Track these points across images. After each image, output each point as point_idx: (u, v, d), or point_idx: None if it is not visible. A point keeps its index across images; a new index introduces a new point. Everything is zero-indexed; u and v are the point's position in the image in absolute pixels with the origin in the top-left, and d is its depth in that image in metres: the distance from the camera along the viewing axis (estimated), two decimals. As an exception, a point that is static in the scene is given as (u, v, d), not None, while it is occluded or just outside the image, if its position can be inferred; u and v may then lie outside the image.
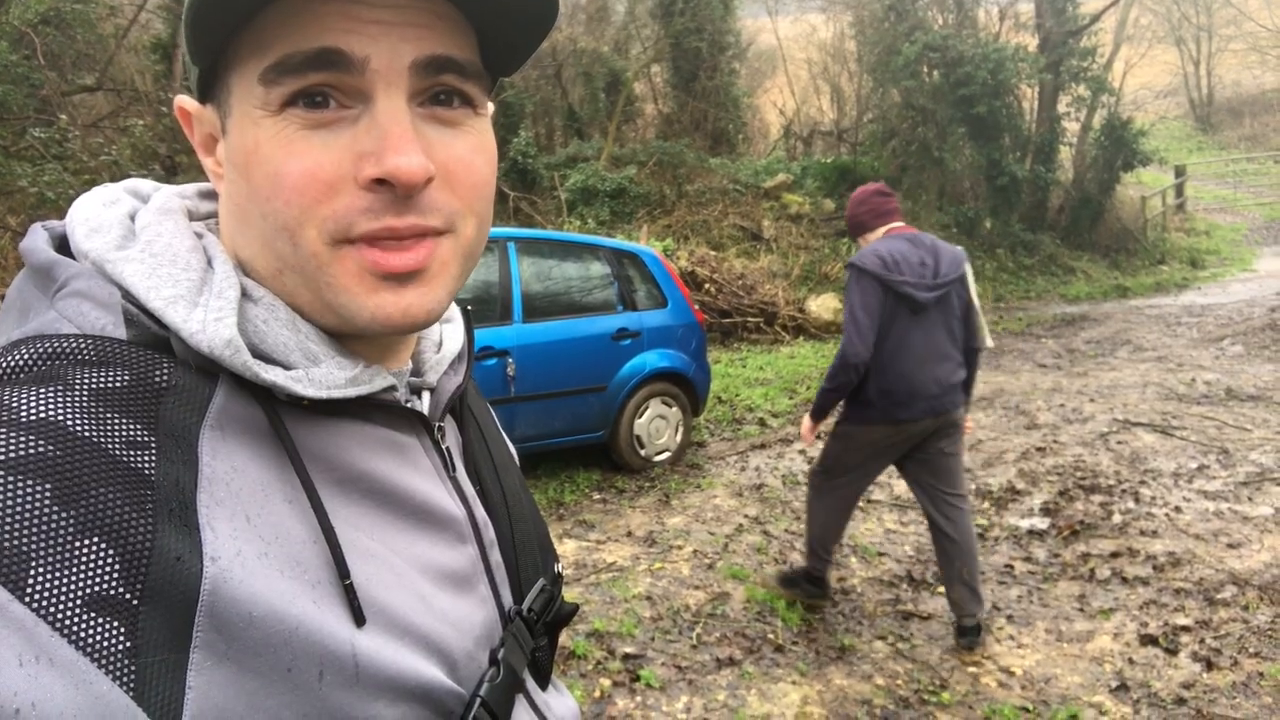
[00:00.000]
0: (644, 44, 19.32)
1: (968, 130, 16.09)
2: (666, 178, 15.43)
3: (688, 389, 6.37)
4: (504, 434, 0.90)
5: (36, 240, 0.61)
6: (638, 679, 3.44)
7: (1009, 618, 3.96)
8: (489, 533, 0.73)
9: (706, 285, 11.52)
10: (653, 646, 3.72)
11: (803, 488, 5.71)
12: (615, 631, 3.83)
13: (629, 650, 3.67)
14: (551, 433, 5.77)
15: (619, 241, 6.80)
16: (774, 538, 4.98)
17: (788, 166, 17.73)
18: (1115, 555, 4.56)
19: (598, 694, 3.34)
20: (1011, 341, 11.55)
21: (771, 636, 3.80)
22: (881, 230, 3.62)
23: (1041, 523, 5.07)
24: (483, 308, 5.60)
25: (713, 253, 12.82)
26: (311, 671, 0.52)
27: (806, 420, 3.73)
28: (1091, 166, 18.15)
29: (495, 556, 0.73)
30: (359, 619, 0.56)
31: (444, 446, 0.72)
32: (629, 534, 5.06)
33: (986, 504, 5.41)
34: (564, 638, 3.74)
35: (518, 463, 0.90)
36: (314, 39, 0.55)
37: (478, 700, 0.64)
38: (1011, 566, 4.51)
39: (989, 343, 3.73)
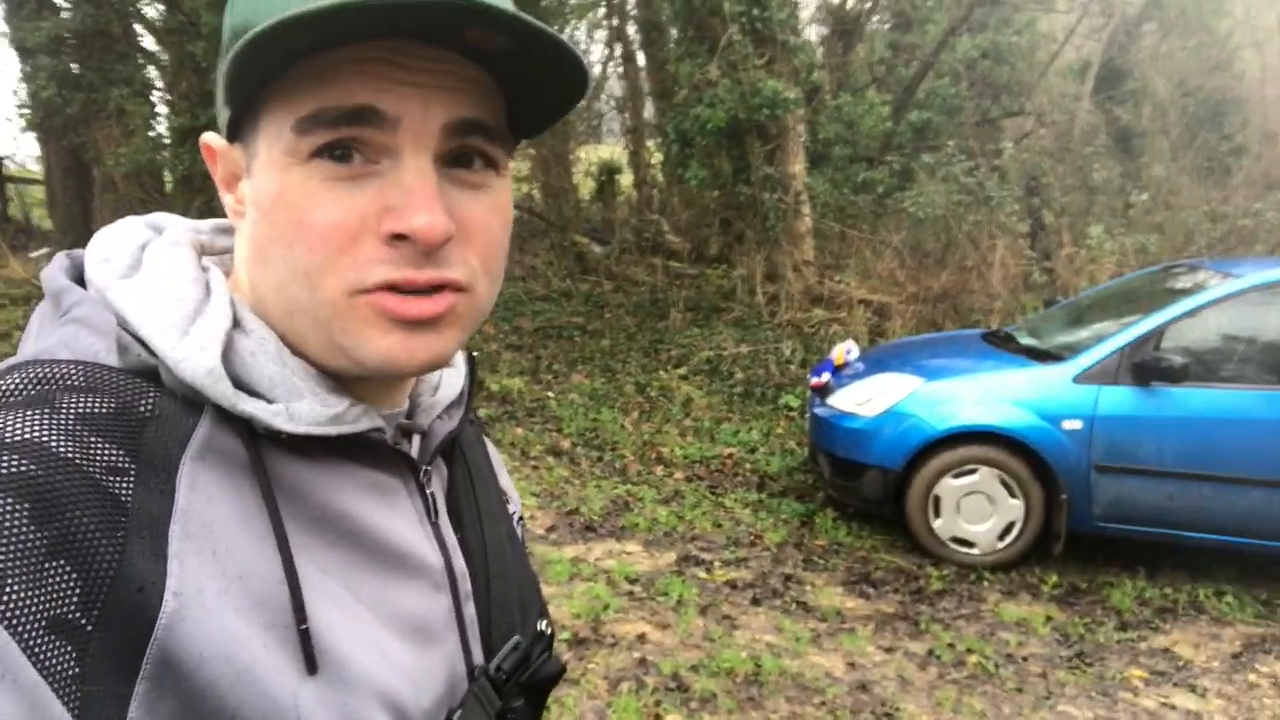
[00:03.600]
0: None
1: None
2: None
3: None
4: (506, 484, 0.87)
5: (54, 268, 0.65)
6: None
7: None
8: (466, 584, 0.71)
9: None
10: None
11: None
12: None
13: None
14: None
15: None
16: None
17: None
18: None
19: None
20: None
21: None
22: None
23: None
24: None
25: None
26: (253, 719, 0.53)
27: None
28: None
29: (470, 610, 0.71)
30: (311, 667, 0.56)
31: (429, 491, 0.70)
32: None
33: None
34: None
35: (518, 513, 0.87)
36: (351, 95, 0.56)
37: None
38: None
39: None
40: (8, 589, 0.45)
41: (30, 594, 0.46)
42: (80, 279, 0.63)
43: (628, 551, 4.83)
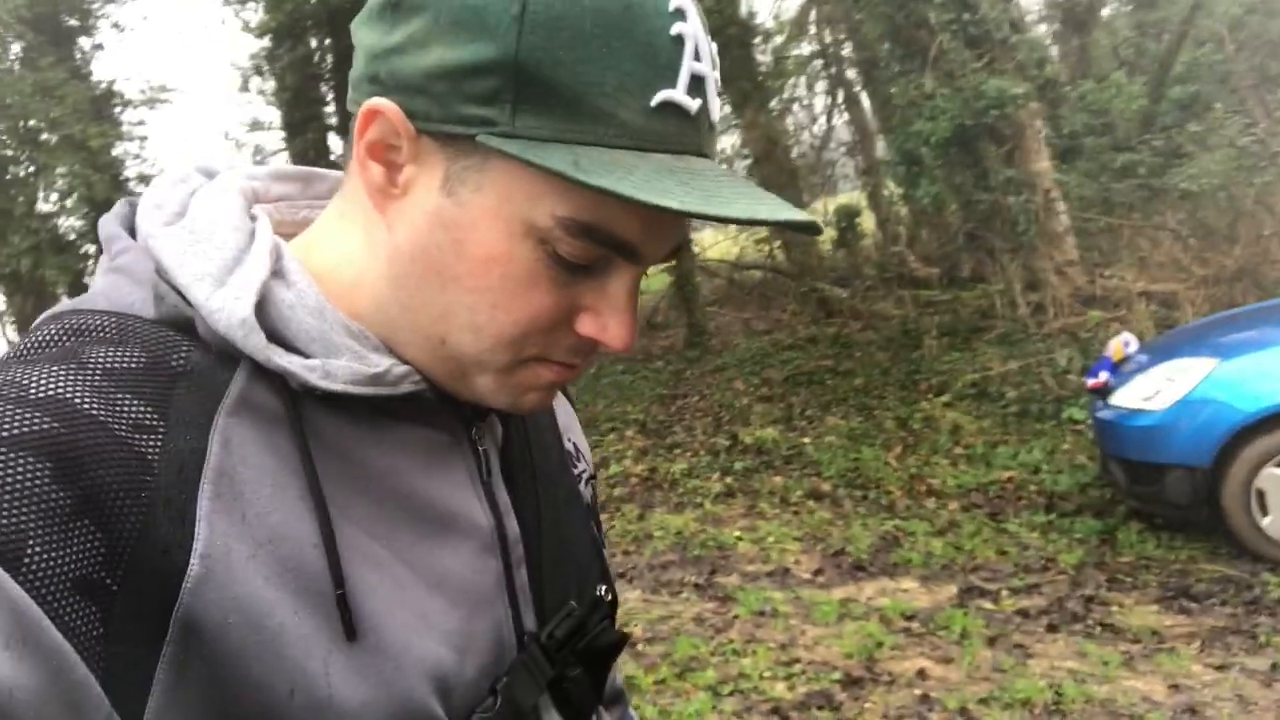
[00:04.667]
0: None
1: None
2: None
3: None
4: (578, 441, 0.83)
5: (111, 214, 0.63)
6: None
7: None
8: (518, 548, 0.67)
9: None
10: None
11: None
12: None
13: None
14: None
15: None
16: None
17: None
18: None
19: None
20: None
21: None
22: None
23: None
24: None
25: None
26: (282, 687, 0.51)
27: None
28: None
29: (522, 575, 0.67)
30: (349, 634, 0.54)
31: (481, 449, 0.67)
32: None
33: None
34: None
35: (588, 473, 0.82)
36: (625, 229, 0.54)
37: None
38: None
39: None
40: (30, 549, 0.44)
41: (54, 554, 0.45)
42: (134, 228, 0.61)
43: (902, 589, 4.51)
